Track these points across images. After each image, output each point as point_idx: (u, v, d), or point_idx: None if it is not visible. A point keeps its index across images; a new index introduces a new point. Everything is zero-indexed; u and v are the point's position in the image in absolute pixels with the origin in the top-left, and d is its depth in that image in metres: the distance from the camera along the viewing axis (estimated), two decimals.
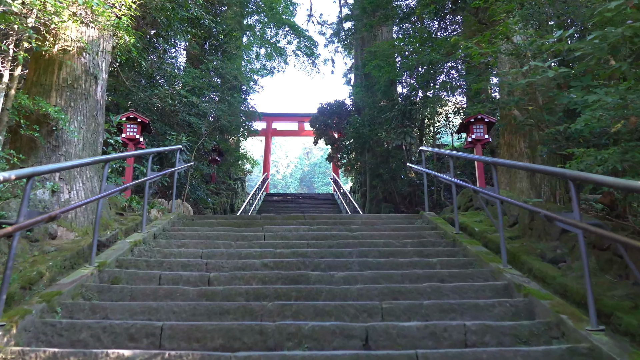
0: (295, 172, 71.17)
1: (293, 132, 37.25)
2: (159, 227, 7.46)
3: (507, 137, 9.61)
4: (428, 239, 7.01)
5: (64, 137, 6.96)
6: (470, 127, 11.87)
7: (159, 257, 6.06)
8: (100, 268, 5.23)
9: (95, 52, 7.64)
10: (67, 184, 6.78)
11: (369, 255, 6.13)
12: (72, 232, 6.51)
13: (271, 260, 5.75)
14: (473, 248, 6.20)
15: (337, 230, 7.48)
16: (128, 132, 11.49)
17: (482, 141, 11.84)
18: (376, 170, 18.50)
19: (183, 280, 5.17)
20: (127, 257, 5.85)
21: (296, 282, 5.17)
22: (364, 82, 20.34)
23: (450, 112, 18.44)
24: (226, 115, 15.96)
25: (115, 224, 7.45)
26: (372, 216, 8.72)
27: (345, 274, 5.29)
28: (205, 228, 7.61)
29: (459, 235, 6.91)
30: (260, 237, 7.01)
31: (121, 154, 6.09)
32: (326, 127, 25.41)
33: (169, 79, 14.00)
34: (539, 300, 4.35)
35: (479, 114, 11.83)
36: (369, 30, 17.82)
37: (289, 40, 31.39)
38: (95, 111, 7.56)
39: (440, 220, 8.04)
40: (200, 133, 14.76)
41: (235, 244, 6.57)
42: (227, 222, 8.05)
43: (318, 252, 6.13)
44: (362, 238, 7.02)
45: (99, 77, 7.68)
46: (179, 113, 13.68)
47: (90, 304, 4.36)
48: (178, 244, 6.56)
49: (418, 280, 5.27)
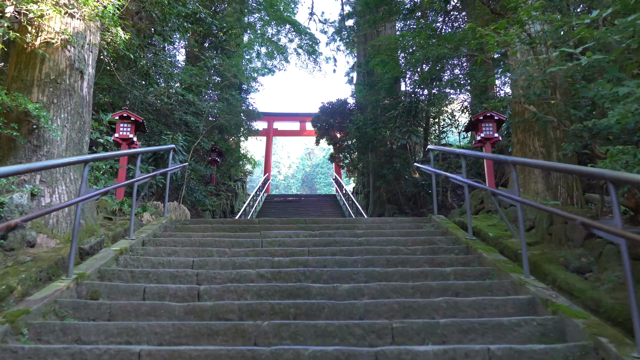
0: (297, 173, 70.73)
1: (294, 132, 36.74)
2: (149, 232, 6.94)
3: (520, 135, 9.07)
4: (439, 245, 6.48)
5: (46, 136, 6.44)
6: (479, 125, 11.35)
7: (146, 267, 5.55)
8: (78, 281, 4.71)
9: (80, 45, 7.12)
10: (49, 186, 6.26)
11: (376, 264, 5.61)
12: (54, 239, 6.00)
13: (268, 270, 5.22)
14: (489, 256, 5.66)
15: (341, 236, 6.95)
16: (121, 132, 11.00)
17: (492, 140, 11.31)
18: (380, 170, 17.98)
19: (170, 294, 4.64)
20: (110, 268, 5.33)
21: (295, 296, 4.64)
22: (366, 80, 19.81)
23: (456, 110, 17.93)
24: (225, 114, 15.42)
25: (102, 229, 6.93)
26: (377, 220, 8.19)
27: (350, 286, 4.76)
28: (199, 234, 7.09)
29: (472, 241, 6.37)
30: (258, 244, 6.48)
31: (103, 153, 5.59)
32: (328, 126, 24.89)
33: (165, 76, 13.49)
34: (571, 319, 3.81)
35: (488, 111, 11.30)
36: (372, 27, 17.28)
37: (290, 39, 30.88)
38: (81, 108, 7.04)
39: (450, 225, 7.51)
40: (198, 133, 14.25)
41: (229, 252, 6.04)
42: (223, 227, 7.52)
43: (320, 260, 5.61)
44: (368, 244, 6.50)
45: (85, 72, 7.17)
46: (176, 112, 13.17)
47: (61, 325, 3.84)
48: (168, 252, 6.04)
49: (431, 293, 4.74)
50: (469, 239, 6.46)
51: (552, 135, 8.76)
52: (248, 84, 23.80)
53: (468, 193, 6.79)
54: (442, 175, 8.27)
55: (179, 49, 20.37)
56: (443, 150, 8.63)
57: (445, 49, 10.82)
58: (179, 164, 11.03)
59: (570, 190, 8.61)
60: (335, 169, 32.22)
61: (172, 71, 13.43)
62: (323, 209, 23.88)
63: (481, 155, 7.04)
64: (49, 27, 6.82)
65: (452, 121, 17.66)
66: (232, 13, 20.16)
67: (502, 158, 5.48)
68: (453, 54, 11.24)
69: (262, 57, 31.44)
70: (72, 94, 6.90)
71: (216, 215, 18.42)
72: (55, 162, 4.40)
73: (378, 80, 17.99)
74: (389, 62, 13.59)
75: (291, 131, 36.82)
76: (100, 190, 4.99)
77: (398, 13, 16.80)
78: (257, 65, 30.92)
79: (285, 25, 29.95)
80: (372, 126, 17.53)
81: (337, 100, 25.06)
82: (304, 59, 31.63)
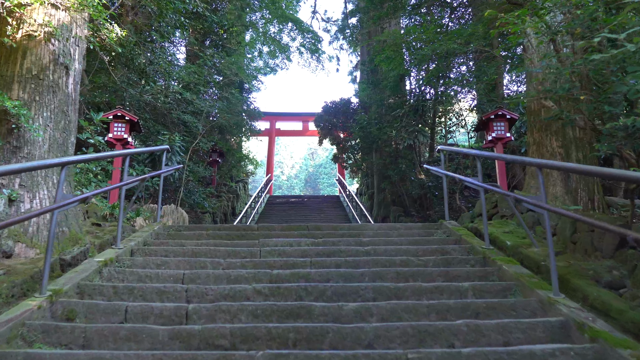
0: (300, 173, 70.32)
1: (297, 132, 36.23)
2: (139, 240, 6.43)
3: (537, 134, 8.53)
4: (453, 256, 5.95)
5: (27, 136, 5.94)
6: (490, 125, 10.83)
7: (131, 280, 5.03)
8: (52, 298, 4.19)
9: (65, 39, 6.61)
10: (29, 191, 5.76)
11: (385, 278, 5.08)
12: (33, 249, 5.49)
13: (266, 285, 4.70)
14: (510, 268, 5.13)
15: (346, 244, 6.42)
16: (115, 132, 10.52)
17: (504, 139, 10.79)
18: (384, 171, 17.45)
19: (155, 314, 4.13)
20: (91, 282, 4.81)
21: (296, 316, 4.12)
22: (371, 78, 19.27)
23: (463, 109, 17.39)
24: (225, 113, 14.90)
25: (88, 237, 6.43)
26: (384, 226, 7.65)
27: (357, 305, 4.23)
28: (193, 242, 6.56)
29: (489, 251, 5.84)
30: (255, 254, 5.96)
31: (83, 156, 5.09)
32: (331, 126, 24.40)
33: (162, 74, 12.98)
34: (615, 349, 3.28)
35: (500, 110, 10.78)
36: (376, 23, 16.74)
37: (293, 37, 30.39)
38: (66, 106, 6.54)
39: (463, 231, 6.97)
40: (196, 133, 13.74)
41: (224, 263, 5.52)
42: (219, 234, 7.00)
43: (323, 274, 5.09)
44: (376, 254, 5.97)
45: (70, 67, 6.66)
46: (173, 111, 12.65)
47: (24, 354, 3.33)
48: (157, 263, 5.52)
49: (448, 313, 4.22)
50: (485, 249, 5.92)
51: (570, 134, 8.21)
52: (250, 83, 23.31)
53: (484, 197, 6.25)
54: (454, 178, 7.72)
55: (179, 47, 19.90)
56: (455, 151, 8.10)
57: (455, 44, 10.28)
58: (174, 166, 10.53)
59: (591, 194, 8.06)
60: (339, 169, 31.69)
61: (169, 69, 12.92)
62: (326, 210, 23.36)
63: (501, 156, 6.47)
64: (31, 18, 6.32)
65: (458, 120, 17.13)
66: (233, 10, 19.63)
67: (527, 161, 4.94)
68: (463, 49, 10.70)
69: (264, 56, 30.98)
70: (56, 91, 6.39)
71: (217, 217, 17.93)
72: (25, 166, 3.88)
73: (383, 79, 17.47)
74: (395, 59, 13.05)
75: (294, 131, 36.31)
76: (79, 197, 4.47)
77: (403, 9, 16.26)
78: (259, 64, 30.49)
79: (288, 23, 29.46)
80: (377, 126, 17.01)
81: (340, 99, 24.58)
82: (306, 58, 31.16)
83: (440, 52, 10.68)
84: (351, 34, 30.53)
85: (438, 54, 11.05)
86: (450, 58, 11.70)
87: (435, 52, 10.77)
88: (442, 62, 12.03)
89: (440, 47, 10.42)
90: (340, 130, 24.29)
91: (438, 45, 10.40)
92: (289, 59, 30.22)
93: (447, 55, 11.19)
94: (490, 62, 12.37)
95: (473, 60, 14.60)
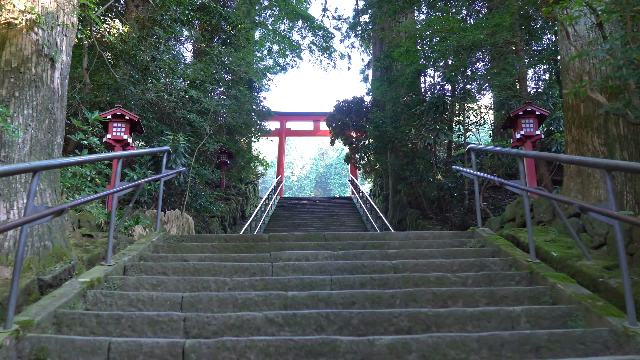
0: (311, 174, 69.66)
1: (308, 132, 35.47)
2: (134, 254, 5.67)
3: (576, 132, 7.69)
4: (494, 271, 5.15)
5: (4, 137, 5.20)
6: (519, 122, 10.00)
7: (120, 306, 4.27)
8: (19, 334, 3.43)
9: (51, 27, 5.88)
10: (6, 200, 5.02)
11: (420, 300, 4.29)
12: (8, 268, 4.75)
13: (279, 313, 3.92)
14: (566, 288, 4.30)
15: (370, 258, 5.62)
16: (114, 132, 9.81)
17: (533, 138, 9.96)
18: (401, 172, 16.63)
19: (144, 352, 3.36)
20: (72, 309, 4.05)
21: (317, 355, 3.34)
22: (385, 75, 18.42)
23: (483, 107, 16.52)
24: (233, 112, 14.13)
25: (77, 251, 5.68)
26: (411, 235, 6.83)
27: (392, 339, 3.44)
28: (195, 255, 5.79)
29: (536, 265, 5.02)
30: (267, 270, 5.18)
31: (61, 160, 4.38)
32: (344, 125, 23.64)
33: (166, 71, 12.24)
34: None
35: (529, 106, 9.95)
36: (392, 17, 15.92)
37: (303, 35, 29.69)
38: (51, 103, 5.79)
39: (501, 241, 6.15)
40: (203, 133, 12.98)
41: (230, 283, 4.74)
42: (226, 246, 6.21)
43: (347, 296, 4.30)
44: (405, 270, 5.17)
45: (56, 60, 5.92)
46: (178, 110, 11.91)
47: None
48: (153, 283, 4.75)
49: (504, 348, 3.42)
50: (531, 262, 5.10)
51: (614, 131, 7.37)
52: (259, 82, 22.62)
53: (528, 202, 5.43)
54: (485, 180, 6.91)
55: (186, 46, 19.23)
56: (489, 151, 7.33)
57: (482, 34, 9.45)
58: (179, 168, 9.79)
59: (637, 196, 7.23)
60: (351, 170, 30.91)
61: (174, 66, 12.18)
62: (339, 213, 22.58)
63: (555, 157, 5.42)
64: (10, 4, 5.58)
65: (477, 118, 16.25)
66: (241, 5, 18.90)
67: (591, 162, 4.12)
68: (490, 41, 9.86)
69: (274, 55, 30.29)
70: (40, 86, 5.65)
71: (225, 222, 17.21)
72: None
73: (399, 75, 16.64)
74: (415, 52, 12.21)
75: (305, 131, 35.57)
76: (53, 210, 3.71)
77: (419, 1, 15.44)
78: (269, 63, 29.78)
79: (298, 20, 28.75)
80: (393, 125, 16.19)
81: (352, 98, 23.83)
82: (317, 55, 30.42)
83: (465, 43, 9.83)
84: (363, 31, 29.77)
85: (462, 47, 10.20)
86: (475, 50, 10.84)
87: (460, 44, 9.92)
88: (466, 55, 11.17)
89: (466, 38, 9.57)
90: (353, 129, 23.54)
91: (462, 37, 9.55)
92: (300, 57, 29.53)
93: (472, 47, 10.35)
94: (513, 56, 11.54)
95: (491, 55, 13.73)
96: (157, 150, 7.12)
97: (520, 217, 7.93)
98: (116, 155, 5.47)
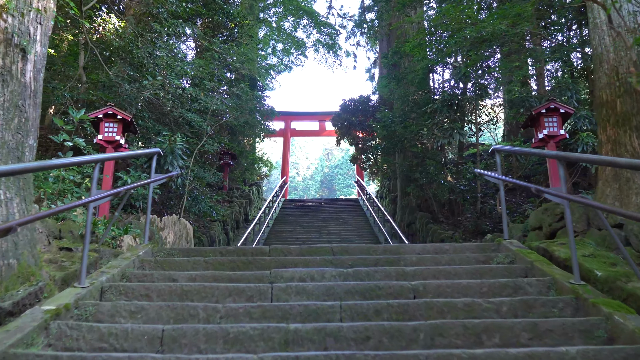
0: (316, 174, 69.12)
1: (313, 132, 34.75)
2: (116, 272, 4.95)
3: (611, 131, 6.93)
4: (532, 295, 4.40)
5: None
6: (541, 120, 9.27)
7: (89, 340, 3.55)
8: None
9: (21, 13, 5.17)
10: None
11: (449, 335, 3.55)
12: None
13: (278, 355, 3.19)
14: (627, 322, 3.55)
15: (384, 276, 4.89)
16: (106, 133, 9.15)
17: (557, 138, 9.24)
18: (410, 174, 15.85)
19: None
20: (26, 349, 3.33)
21: None
22: (394, 72, 17.64)
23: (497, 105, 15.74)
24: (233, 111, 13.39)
25: (49, 268, 4.97)
26: (429, 248, 6.08)
27: None
28: (186, 273, 5.05)
29: (582, 289, 4.26)
30: (265, 293, 4.45)
31: (22, 165, 3.68)
32: (350, 125, 22.92)
33: (164, 67, 11.53)
34: None
35: (552, 103, 9.22)
36: (400, 10, 15.17)
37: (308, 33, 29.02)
38: (21, 100, 5.09)
39: (533, 256, 5.39)
40: (202, 133, 12.27)
41: (223, 310, 4.02)
42: (221, 261, 5.48)
43: (360, 329, 3.56)
44: (427, 293, 4.43)
45: (28, 51, 5.22)
46: (175, 109, 11.19)
47: None
48: (131, 310, 4.03)
49: None
50: (575, 285, 4.35)
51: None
52: (263, 81, 21.96)
53: (569, 212, 4.67)
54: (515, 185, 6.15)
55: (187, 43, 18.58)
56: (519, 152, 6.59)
57: (502, 24, 8.68)
58: (174, 171, 9.08)
59: None
60: (357, 171, 30.16)
61: (172, 62, 11.47)
62: (345, 215, 21.84)
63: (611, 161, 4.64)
64: None
65: (490, 117, 15.47)
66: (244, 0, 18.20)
67: None
68: (511, 32, 9.08)
69: (279, 53, 29.65)
70: (8, 80, 4.94)
71: (227, 225, 16.52)
72: None
73: (408, 72, 15.86)
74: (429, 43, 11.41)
75: (310, 131, 34.85)
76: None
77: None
78: (273, 62, 29.10)
79: (303, 18, 28.11)
80: (402, 124, 15.43)
81: (359, 96, 23.12)
82: (322, 53, 29.71)
83: (485, 35, 9.07)
84: (369, 29, 29.10)
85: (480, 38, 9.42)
86: (495, 42, 10.05)
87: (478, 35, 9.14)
88: (485, 48, 10.37)
89: (485, 29, 8.80)
90: (359, 129, 22.82)
91: (481, 27, 8.79)
92: (305, 55, 28.86)
93: (491, 39, 9.56)
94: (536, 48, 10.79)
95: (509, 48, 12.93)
96: (143, 153, 6.42)
97: (549, 226, 7.18)
98: (93, 159, 4.75)
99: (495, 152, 6.40)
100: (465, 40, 9.45)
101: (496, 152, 6.39)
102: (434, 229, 14.59)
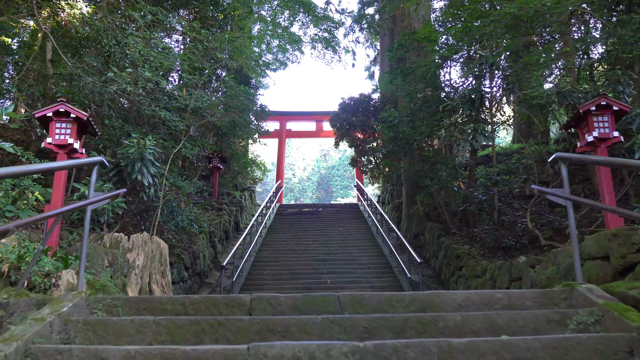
0: (313, 175, 67.59)
1: (310, 133, 33.05)
2: (13, 349, 3.22)
3: None
4: None
5: None
6: (589, 120, 7.61)
7: None
8: None
9: None
10: None
11: None
12: None
13: None
14: None
15: (421, 354, 3.19)
16: (57, 135, 7.46)
17: (609, 141, 7.60)
18: (420, 180, 14.15)
19: None
20: None
21: None
22: (399, 68, 15.92)
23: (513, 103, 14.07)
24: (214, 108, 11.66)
25: None
26: (475, 296, 4.34)
27: None
28: (121, 349, 3.33)
29: None
30: None
31: None
32: (349, 126, 21.31)
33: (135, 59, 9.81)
34: None
35: (603, 98, 7.58)
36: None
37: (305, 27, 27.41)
38: None
39: (632, 315, 3.69)
40: (181, 135, 10.52)
41: None
42: (179, 324, 3.73)
43: None
44: None
45: None
46: (147, 106, 9.45)
47: None
48: None
49: None
50: None
51: None
52: (256, 78, 20.31)
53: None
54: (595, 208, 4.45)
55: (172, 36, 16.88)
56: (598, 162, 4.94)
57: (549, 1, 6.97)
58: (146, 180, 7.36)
59: None
60: (357, 174, 28.52)
61: (145, 52, 9.74)
62: (346, 224, 20.19)
63: None
64: None
65: (507, 117, 13.81)
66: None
67: None
68: (560, 9, 7.32)
69: (274, 50, 28.08)
70: None
71: (215, 237, 14.81)
72: None
73: (416, 67, 14.17)
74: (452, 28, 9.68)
75: (307, 132, 33.15)
76: None
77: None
78: (268, 59, 27.50)
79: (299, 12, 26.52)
80: (410, 124, 13.75)
81: (360, 95, 21.54)
82: (320, 49, 28.06)
83: (527, 12, 7.33)
84: (369, 24, 27.53)
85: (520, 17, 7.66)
86: (537, 24, 8.32)
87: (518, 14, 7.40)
88: (525, 29, 8.58)
89: (527, 5, 7.06)
90: (359, 130, 21.20)
91: (522, 2, 7.05)
92: (301, 51, 27.23)
93: (532, 18, 7.83)
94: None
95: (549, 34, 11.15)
96: (83, 162, 4.67)
97: (622, 258, 5.48)
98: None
99: (560, 161, 4.67)
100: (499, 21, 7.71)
101: (560, 161, 4.67)
102: (447, 242, 12.92)
